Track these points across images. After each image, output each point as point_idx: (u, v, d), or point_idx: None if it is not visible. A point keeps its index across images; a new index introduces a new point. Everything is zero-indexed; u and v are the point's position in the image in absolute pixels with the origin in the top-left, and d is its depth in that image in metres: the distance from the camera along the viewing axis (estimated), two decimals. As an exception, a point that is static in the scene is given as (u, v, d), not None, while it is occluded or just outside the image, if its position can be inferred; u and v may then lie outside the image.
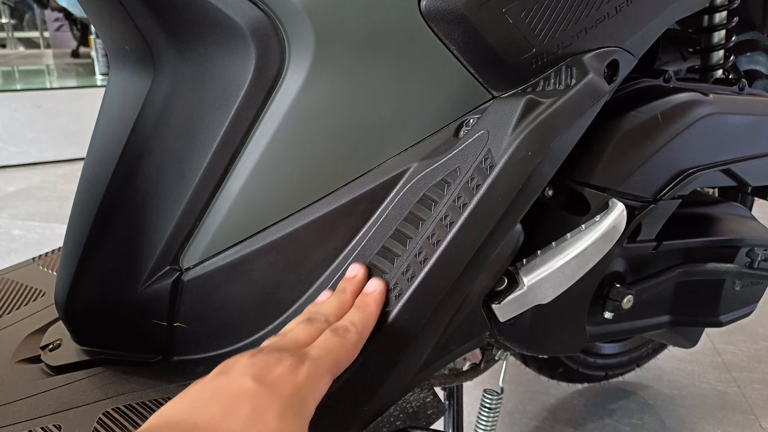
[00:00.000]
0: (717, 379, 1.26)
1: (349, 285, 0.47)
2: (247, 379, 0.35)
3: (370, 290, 0.46)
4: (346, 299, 0.46)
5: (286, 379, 0.36)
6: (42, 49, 5.94)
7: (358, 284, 0.47)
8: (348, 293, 0.46)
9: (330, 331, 0.42)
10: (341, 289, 0.47)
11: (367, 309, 0.45)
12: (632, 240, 0.63)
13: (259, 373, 0.36)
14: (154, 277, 0.52)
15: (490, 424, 0.73)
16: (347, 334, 0.42)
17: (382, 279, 0.47)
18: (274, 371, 0.36)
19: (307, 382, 0.37)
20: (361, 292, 0.47)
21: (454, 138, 0.50)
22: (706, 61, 0.76)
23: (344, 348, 0.41)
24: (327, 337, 0.41)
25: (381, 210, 0.50)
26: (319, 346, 0.40)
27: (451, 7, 0.47)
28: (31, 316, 0.65)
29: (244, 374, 0.36)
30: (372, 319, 0.45)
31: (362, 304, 0.45)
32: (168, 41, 0.50)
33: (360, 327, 0.43)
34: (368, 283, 0.47)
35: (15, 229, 2.00)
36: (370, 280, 0.47)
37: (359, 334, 0.43)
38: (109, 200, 0.52)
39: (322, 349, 0.40)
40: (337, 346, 0.41)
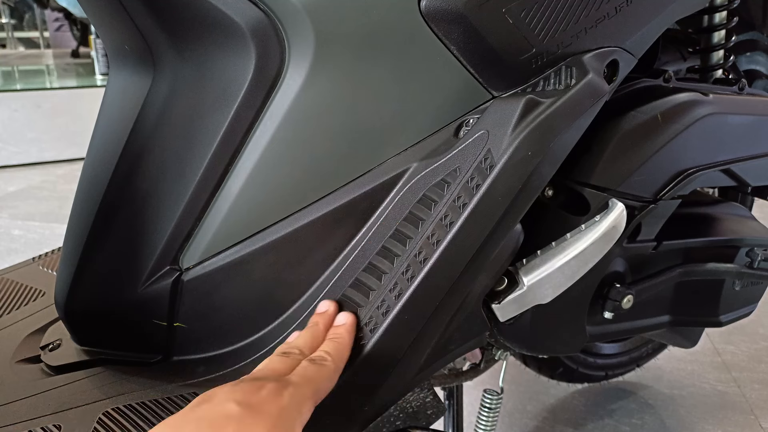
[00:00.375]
0: (717, 379, 1.26)
1: (320, 319, 0.47)
2: (231, 404, 0.35)
3: (341, 322, 0.47)
4: (318, 332, 0.46)
5: (271, 402, 0.36)
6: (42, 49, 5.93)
7: (329, 318, 0.48)
8: (320, 327, 0.47)
9: (307, 361, 0.42)
10: (313, 324, 0.47)
11: (340, 339, 0.45)
12: (632, 240, 0.63)
13: (243, 398, 0.36)
14: (154, 277, 0.52)
15: (490, 424, 0.73)
16: (324, 363, 0.42)
17: (352, 312, 0.48)
18: (257, 396, 0.36)
19: (291, 405, 0.37)
20: (333, 325, 0.47)
21: (454, 138, 0.50)
22: (706, 61, 0.76)
23: (323, 376, 0.42)
24: (305, 365, 0.42)
25: (381, 210, 0.50)
26: (299, 373, 0.41)
27: (451, 7, 0.47)
28: (31, 316, 0.65)
29: (227, 400, 0.35)
30: (346, 349, 0.45)
31: (335, 335, 0.46)
32: (168, 41, 0.50)
33: (335, 356, 0.44)
34: (338, 316, 0.48)
35: (15, 229, 2.00)
36: (340, 314, 0.48)
37: (335, 363, 0.43)
38: (109, 200, 0.52)
39: (302, 377, 0.40)
40: (316, 373, 0.41)
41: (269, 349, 0.51)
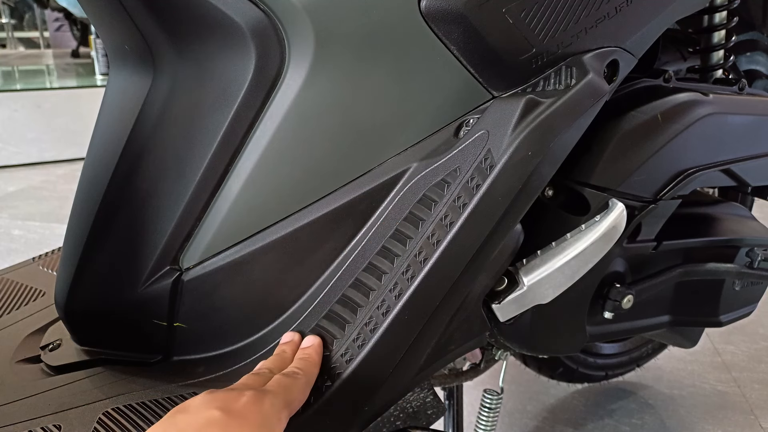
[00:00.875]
0: (717, 379, 1.26)
1: (287, 347, 0.48)
2: (213, 411, 0.35)
3: (308, 345, 0.48)
4: (287, 357, 0.47)
5: (252, 408, 0.36)
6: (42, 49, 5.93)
7: (295, 344, 0.49)
8: (288, 352, 0.47)
9: (280, 375, 0.43)
10: (280, 351, 0.48)
11: (308, 358, 0.46)
12: (632, 240, 0.63)
13: (224, 405, 0.36)
14: (154, 277, 0.52)
15: (490, 424, 0.73)
16: (296, 376, 0.43)
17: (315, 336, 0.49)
18: (238, 402, 0.36)
19: (272, 412, 0.37)
20: (300, 348, 0.48)
21: (454, 138, 0.50)
22: (706, 61, 0.76)
23: (296, 387, 0.42)
24: (278, 378, 0.42)
25: (381, 210, 0.50)
26: (273, 384, 0.41)
27: (451, 7, 0.47)
28: (31, 316, 0.65)
29: (207, 408, 0.35)
30: (315, 365, 0.46)
31: (303, 355, 0.47)
32: (168, 41, 0.50)
33: (306, 371, 0.44)
34: (305, 340, 0.49)
35: (15, 229, 2.00)
36: (306, 338, 0.49)
37: (306, 377, 0.44)
38: (109, 200, 0.52)
39: (277, 386, 0.41)
40: (289, 384, 0.42)
41: (269, 349, 0.51)
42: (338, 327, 0.48)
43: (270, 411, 0.37)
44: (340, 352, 0.47)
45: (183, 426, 0.34)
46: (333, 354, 0.48)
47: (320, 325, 0.49)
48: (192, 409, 0.36)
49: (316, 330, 0.49)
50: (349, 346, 0.47)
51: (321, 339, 0.48)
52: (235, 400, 0.36)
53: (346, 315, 0.48)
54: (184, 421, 0.35)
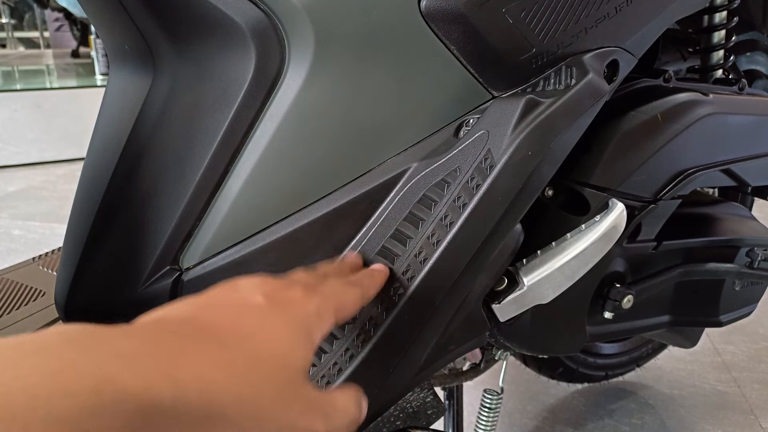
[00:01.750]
0: (717, 379, 1.26)
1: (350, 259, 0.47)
2: (257, 295, 0.34)
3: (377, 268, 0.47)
4: (346, 266, 0.45)
5: (296, 303, 0.35)
6: (42, 49, 5.93)
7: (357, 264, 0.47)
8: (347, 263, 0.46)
9: (335, 277, 0.41)
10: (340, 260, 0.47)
11: (371, 274, 0.44)
12: (632, 240, 0.63)
13: (269, 292, 0.35)
14: (154, 277, 0.52)
15: (490, 424, 0.73)
16: (352, 285, 0.41)
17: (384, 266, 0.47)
18: (284, 294, 0.35)
19: (315, 312, 0.36)
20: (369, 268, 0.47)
21: (454, 138, 0.50)
22: (706, 61, 0.76)
23: (349, 295, 0.40)
24: (333, 281, 0.40)
25: (381, 210, 0.50)
26: (328, 286, 0.39)
27: (451, 7, 0.47)
28: (31, 316, 0.65)
29: (254, 290, 0.34)
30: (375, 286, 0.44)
31: (366, 271, 0.45)
32: (168, 41, 0.50)
33: (364, 285, 0.42)
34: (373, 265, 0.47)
35: (15, 229, 2.00)
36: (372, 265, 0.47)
37: (363, 289, 0.42)
38: (109, 200, 0.52)
39: (329, 287, 0.39)
40: (343, 290, 0.40)
41: (269, 349, 0.51)
42: (338, 327, 0.48)
43: (313, 312, 0.35)
44: (341, 352, 0.47)
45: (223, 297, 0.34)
46: (333, 353, 0.48)
47: (320, 325, 0.49)
48: (241, 287, 0.35)
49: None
50: (349, 346, 0.47)
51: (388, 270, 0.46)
52: (282, 290, 0.35)
53: (346, 315, 0.48)
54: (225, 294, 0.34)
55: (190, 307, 0.33)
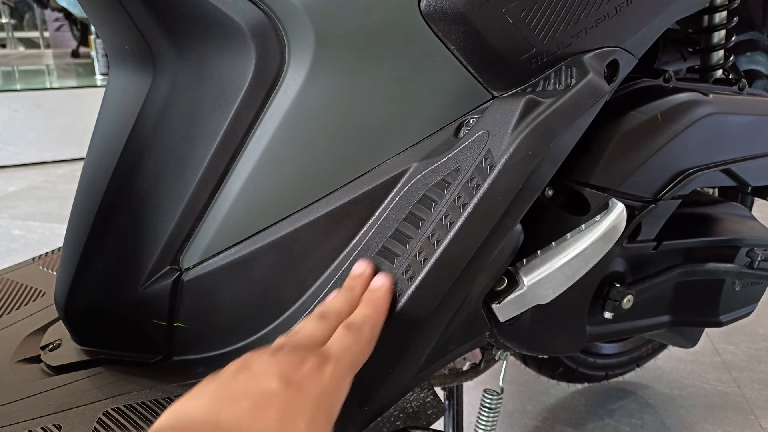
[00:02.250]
0: (717, 379, 1.26)
1: (357, 282, 0.47)
2: (273, 379, 0.34)
3: (378, 286, 0.46)
4: (355, 295, 0.45)
5: (312, 380, 0.35)
6: (42, 49, 5.93)
7: (366, 280, 0.47)
8: (357, 290, 0.46)
9: (344, 327, 0.41)
10: (349, 287, 0.46)
11: (376, 303, 0.45)
12: (632, 240, 0.63)
13: (284, 373, 0.35)
14: (154, 277, 0.52)
15: (490, 424, 0.73)
16: (361, 330, 0.41)
17: (389, 273, 0.47)
18: (299, 372, 0.35)
19: (332, 383, 0.36)
20: (369, 288, 0.46)
21: (454, 138, 0.50)
22: (706, 61, 0.76)
23: (360, 345, 0.41)
24: (343, 334, 0.41)
25: (381, 210, 0.50)
26: (337, 344, 0.40)
27: (451, 7, 0.47)
28: (31, 316, 0.65)
29: (268, 373, 0.35)
30: (382, 314, 0.44)
31: (371, 299, 0.45)
32: (168, 41, 0.50)
33: (372, 322, 0.43)
34: (375, 278, 0.47)
35: (15, 229, 2.00)
36: (376, 276, 0.47)
37: (372, 330, 0.42)
38: (109, 200, 0.52)
39: (340, 348, 0.39)
40: (353, 343, 0.40)
41: (269, 349, 0.51)
42: (338, 327, 0.48)
43: (330, 383, 0.36)
44: (340, 352, 0.47)
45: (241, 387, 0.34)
46: None
47: (320, 325, 0.49)
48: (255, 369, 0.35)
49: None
50: (349, 346, 0.47)
51: (393, 278, 0.46)
52: (297, 368, 0.35)
53: (346, 315, 0.48)
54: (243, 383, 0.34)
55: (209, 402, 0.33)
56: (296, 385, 0.34)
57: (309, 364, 0.36)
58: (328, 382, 0.36)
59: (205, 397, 0.34)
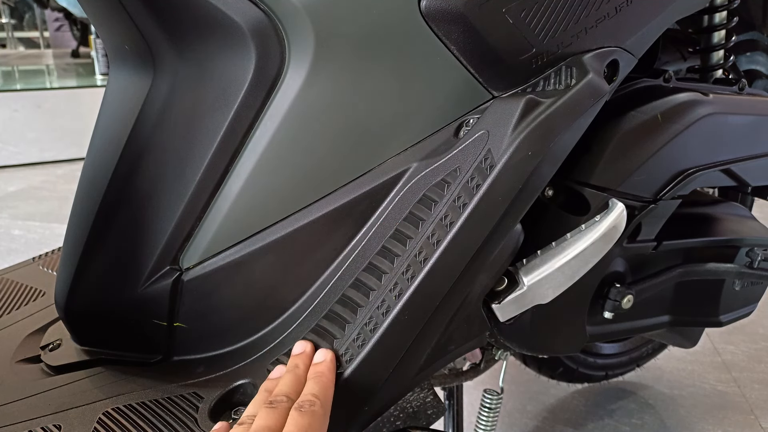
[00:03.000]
0: (717, 379, 1.26)
1: (299, 360, 0.47)
2: None
3: (320, 360, 0.47)
4: (300, 374, 0.46)
5: None
6: (42, 49, 5.93)
7: (308, 358, 0.48)
8: (301, 368, 0.47)
9: (296, 411, 0.42)
10: (293, 366, 0.47)
11: (323, 377, 0.45)
12: (632, 240, 0.63)
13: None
14: (154, 277, 0.52)
15: (490, 424, 0.73)
16: (313, 409, 0.42)
17: (329, 348, 0.48)
18: None
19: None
20: (312, 364, 0.47)
21: (454, 138, 0.50)
22: (706, 61, 0.76)
23: (317, 423, 0.41)
24: (296, 419, 0.41)
25: (381, 210, 0.50)
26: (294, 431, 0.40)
27: (451, 7, 0.47)
28: (31, 316, 0.65)
29: None
30: (329, 387, 0.45)
31: (316, 374, 0.46)
32: (168, 41, 0.50)
33: (322, 398, 0.43)
34: (317, 354, 0.48)
35: (15, 229, 2.00)
36: (318, 352, 0.48)
37: (323, 406, 0.43)
38: (109, 200, 0.52)
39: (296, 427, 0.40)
40: (310, 424, 0.41)
41: (269, 349, 0.51)
42: (338, 327, 0.48)
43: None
44: (341, 352, 0.47)
45: None
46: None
47: (320, 325, 0.49)
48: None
49: (316, 330, 0.49)
50: (349, 346, 0.47)
51: (333, 353, 0.48)
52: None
53: (346, 315, 0.48)
54: None
55: None
56: None
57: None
58: None
59: None
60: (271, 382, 0.46)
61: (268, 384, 0.46)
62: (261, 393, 0.45)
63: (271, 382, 0.46)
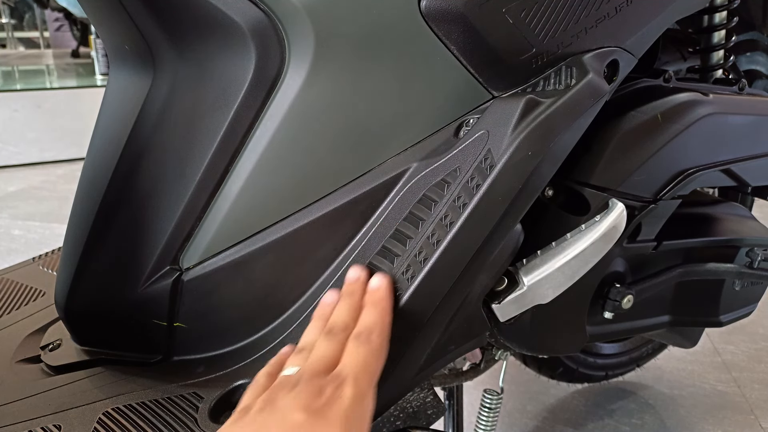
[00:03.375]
0: (717, 379, 1.26)
1: (355, 286, 0.46)
2: (298, 412, 0.35)
3: (376, 286, 0.46)
4: (356, 301, 0.45)
5: (335, 406, 0.36)
6: (42, 49, 5.93)
7: (364, 284, 0.47)
8: (357, 294, 0.45)
9: (354, 340, 0.41)
10: (349, 292, 0.46)
11: (380, 305, 0.44)
12: (632, 240, 0.63)
13: (307, 405, 0.35)
14: (154, 277, 0.52)
15: (490, 424, 0.73)
16: (371, 339, 0.41)
17: (386, 273, 0.47)
18: (320, 400, 0.36)
19: (355, 403, 0.37)
20: (368, 291, 0.46)
21: (454, 138, 0.50)
22: (706, 61, 0.76)
23: (374, 355, 0.41)
24: (354, 349, 0.40)
25: (381, 210, 0.50)
26: (351, 363, 0.39)
27: (451, 7, 0.47)
28: (31, 316, 0.65)
29: (292, 408, 0.35)
30: (388, 314, 0.44)
31: (374, 301, 0.45)
32: (168, 41, 0.50)
33: (380, 327, 0.42)
34: (372, 280, 0.47)
35: (15, 229, 2.00)
36: (373, 277, 0.47)
37: (381, 335, 0.42)
38: (109, 200, 0.52)
39: (356, 366, 0.39)
40: (367, 356, 0.40)
41: (269, 349, 0.51)
42: (338, 327, 0.48)
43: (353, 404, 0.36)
44: (341, 352, 0.47)
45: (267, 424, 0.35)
46: None
47: (320, 325, 0.49)
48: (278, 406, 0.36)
49: (316, 330, 0.49)
50: (349, 346, 0.47)
51: (390, 278, 0.46)
52: (317, 397, 0.36)
53: (346, 315, 0.48)
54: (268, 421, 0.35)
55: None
56: (321, 414, 0.35)
57: (329, 390, 0.37)
58: (350, 404, 0.36)
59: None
60: (325, 308, 0.45)
61: (322, 310, 0.45)
62: (316, 320, 0.44)
63: (324, 308, 0.45)
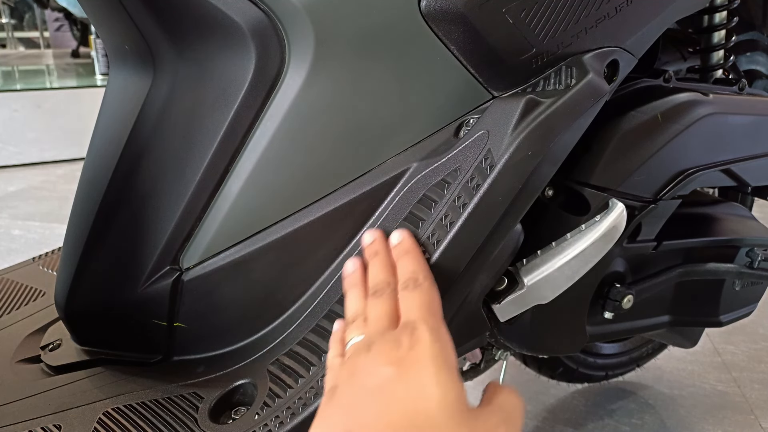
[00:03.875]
0: (717, 379, 1.26)
1: (376, 246, 0.46)
2: (386, 367, 0.34)
3: (399, 239, 0.46)
4: (385, 257, 0.44)
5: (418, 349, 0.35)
6: (42, 49, 5.93)
7: (383, 242, 0.46)
8: (383, 252, 0.45)
9: (404, 290, 0.41)
10: (373, 252, 0.45)
11: (411, 252, 0.44)
12: (632, 240, 0.63)
13: (391, 359, 0.34)
14: (154, 277, 0.52)
15: (490, 424, 0.72)
16: (419, 282, 0.41)
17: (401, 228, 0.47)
18: (401, 350, 0.35)
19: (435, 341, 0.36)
20: (393, 247, 0.46)
21: (454, 138, 0.50)
22: (706, 61, 0.76)
23: (430, 294, 0.40)
24: (409, 296, 0.40)
25: (381, 210, 0.50)
26: (413, 308, 0.39)
27: (451, 7, 0.47)
28: (31, 316, 0.65)
29: (378, 365, 0.34)
30: (422, 258, 0.44)
31: (404, 251, 0.44)
32: (168, 41, 0.50)
33: (422, 270, 0.42)
34: (391, 236, 0.47)
35: (15, 229, 2.00)
36: (392, 234, 0.47)
37: (426, 277, 0.42)
38: (109, 200, 0.52)
39: (419, 309, 0.39)
40: (424, 297, 0.40)
41: (269, 349, 0.51)
42: (338, 327, 0.48)
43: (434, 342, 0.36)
44: (340, 352, 0.47)
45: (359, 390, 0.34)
46: None
47: (320, 325, 0.49)
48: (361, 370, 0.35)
49: (316, 330, 0.49)
50: (349, 346, 0.47)
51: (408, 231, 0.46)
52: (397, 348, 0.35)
53: (346, 315, 0.48)
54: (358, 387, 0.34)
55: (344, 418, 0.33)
56: (408, 361, 0.34)
57: (405, 339, 0.36)
58: (431, 342, 0.35)
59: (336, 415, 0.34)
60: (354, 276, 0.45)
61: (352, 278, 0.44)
62: (351, 289, 0.44)
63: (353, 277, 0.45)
